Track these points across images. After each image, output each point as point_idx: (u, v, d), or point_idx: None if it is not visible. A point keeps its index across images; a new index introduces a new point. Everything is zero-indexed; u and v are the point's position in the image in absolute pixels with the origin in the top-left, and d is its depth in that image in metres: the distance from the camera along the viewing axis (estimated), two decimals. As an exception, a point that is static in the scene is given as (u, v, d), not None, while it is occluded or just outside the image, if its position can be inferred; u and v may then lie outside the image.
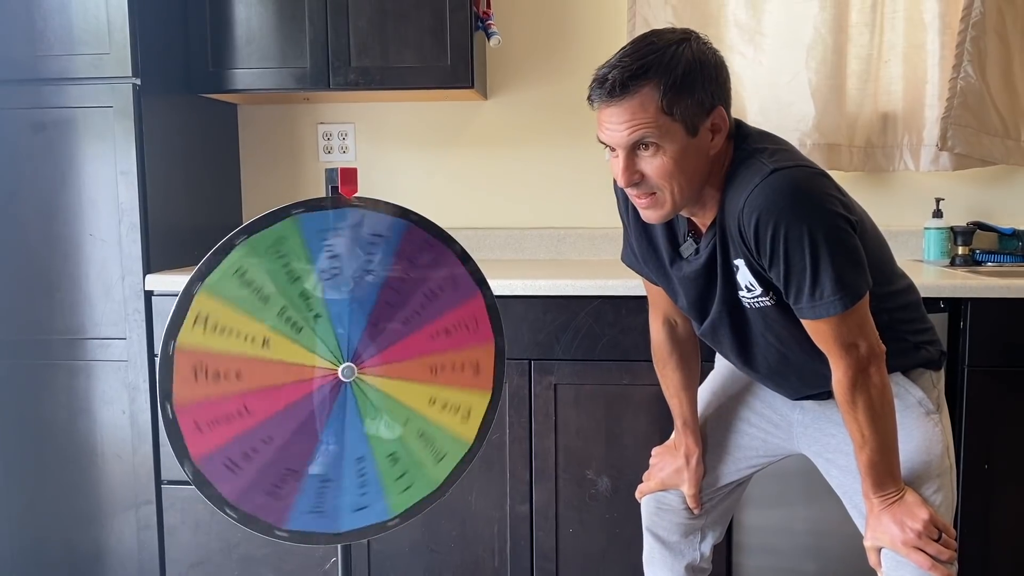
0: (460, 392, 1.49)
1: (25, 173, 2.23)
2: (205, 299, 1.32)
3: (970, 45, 2.42)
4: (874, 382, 1.35)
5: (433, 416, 1.48)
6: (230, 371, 1.35)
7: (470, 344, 1.49)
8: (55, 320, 2.26)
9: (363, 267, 1.41)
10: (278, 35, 2.40)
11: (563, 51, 2.70)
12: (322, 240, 1.38)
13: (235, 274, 1.34)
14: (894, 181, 2.64)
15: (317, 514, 1.42)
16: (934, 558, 1.37)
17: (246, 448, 1.37)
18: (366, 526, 1.46)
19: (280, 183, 2.82)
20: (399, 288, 1.44)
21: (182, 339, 1.31)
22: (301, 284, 1.38)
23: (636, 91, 1.29)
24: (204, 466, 1.33)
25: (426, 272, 1.46)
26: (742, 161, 1.35)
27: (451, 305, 1.48)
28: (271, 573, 2.30)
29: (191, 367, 1.32)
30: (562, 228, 2.74)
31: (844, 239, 1.30)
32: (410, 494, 1.48)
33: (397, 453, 1.45)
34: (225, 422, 1.35)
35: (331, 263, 1.39)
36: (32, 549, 2.33)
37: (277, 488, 1.40)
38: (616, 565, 2.20)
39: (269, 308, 1.36)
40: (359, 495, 1.45)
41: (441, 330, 1.47)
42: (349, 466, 1.43)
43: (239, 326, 1.35)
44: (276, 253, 1.36)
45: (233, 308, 1.34)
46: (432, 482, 1.49)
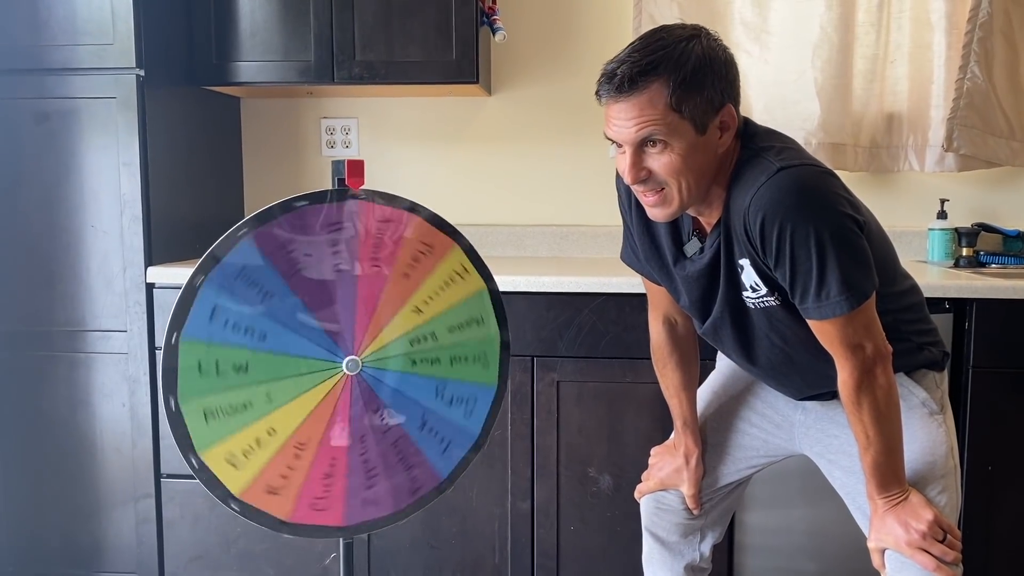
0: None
1: (27, 163, 2.22)
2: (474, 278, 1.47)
3: (977, 46, 2.42)
4: (880, 383, 1.34)
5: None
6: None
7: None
8: (56, 312, 2.25)
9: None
10: (282, 28, 2.39)
11: (568, 48, 2.69)
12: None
13: (476, 307, 1.50)
14: (899, 181, 2.64)
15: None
16: (939, 559, 1.36)
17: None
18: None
19: (282, 177, 2.81)
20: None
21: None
22: (445, 350, 1.48)
23: (645, 87, 1.27)
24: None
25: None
26: (748, 159, 1.34)
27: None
28: (270, 568, 2.29)
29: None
30: (564, 226, 2.74)
31: (851, 239, 1.29)
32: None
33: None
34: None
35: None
36: (31, 541, 2.33)
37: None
38: (617, 563, 2.20)
39: (440, 327, 1.48)
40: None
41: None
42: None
43: (444, 297, 1.46)
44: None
45: (452, 298, 1.48)
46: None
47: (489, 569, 2.24)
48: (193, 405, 1.35)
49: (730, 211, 1.35)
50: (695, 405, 1.68)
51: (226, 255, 1.34)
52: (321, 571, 2.28)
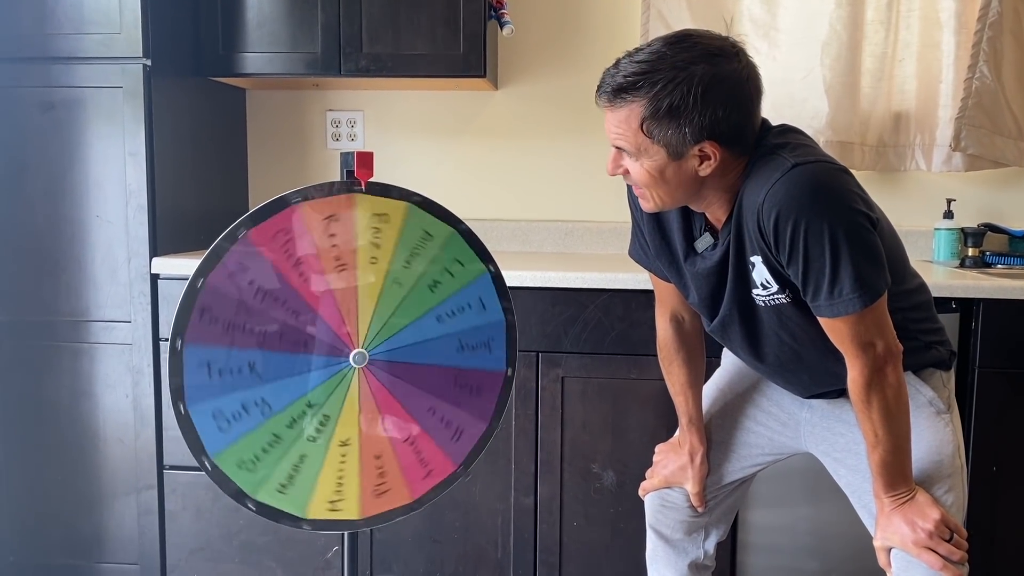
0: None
1: (33, 153, 2.21)
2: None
3: (986, 45, 2.41)
4: (890, 382, 1.34)
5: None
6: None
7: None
8: (60, 301, 2.24)
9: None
10: (289, 19, 2.39)
11: (576, 43, 2.68)
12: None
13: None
14: (905, 181, 2.63)
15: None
16: (945, 558, 1.36)
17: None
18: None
19: (287, 169, 2.81)
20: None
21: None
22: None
23: (622, 105, 1.30)
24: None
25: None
26: (762, 156, 1.33)
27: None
28: (272, 561, 2.29)
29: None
30: (570, 221, 2.73)
31: (865, 236, 1.29)
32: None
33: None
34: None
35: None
36: (33, 531, 2.32)
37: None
38: (620, 559, 2.19)
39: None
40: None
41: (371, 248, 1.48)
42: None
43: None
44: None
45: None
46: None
47: (491, 564, 2.23)
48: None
49: (743, 207, 1.35)
50: (700, 402, 1.68)
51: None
52: (324, 564, 2.28)
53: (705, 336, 1.65)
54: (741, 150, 1.33)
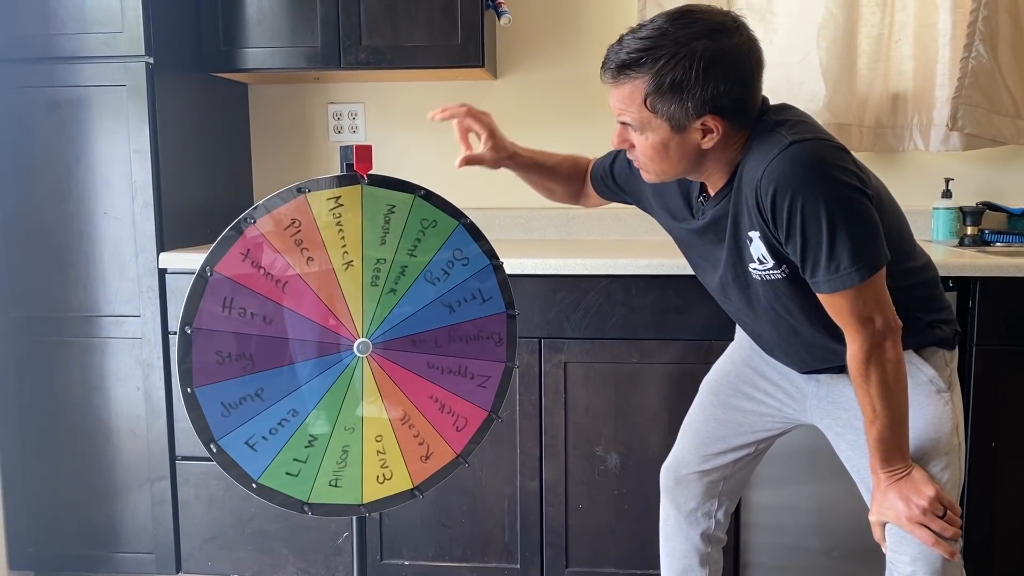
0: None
1: (39, 152, 2.25)
2: (355, 189, 1.42)
3: (982, 24, 2.41)
4: (889, 357, 1.36)
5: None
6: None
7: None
8: (70, 298, 2.28)
9: (450, 297, 1.50)
10: (289, 14, 2.41)
11: (573, 30, 2.70)
12: (454, 257, 1.50)
13: (383, 204, 1.44)
14: (904, 161, 2.64)
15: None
16: (938, 535, 1.39)
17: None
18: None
19: (290, 162, 2.83)
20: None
21: (313, 197, 1.39)
22: (411, 260, 1.46)
23: (625, 81, 1.33)
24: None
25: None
26: (761, 133, 1.36)
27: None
28: (284, 548, 2.33)
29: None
30: (571, 208, 2.74)
31: (861, 210, 1.31)
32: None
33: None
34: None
35: (439, 271, 1.49)
36: (49, 523, 2.37)
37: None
38: (625, 540, 2.23)
39: (381, 247, 1.44)
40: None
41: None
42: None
43: (348, 228, 1.42)
44: (422, 226, 1.47)
45: (360, 222, 1.43)
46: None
47: (499, 547, 2.27)
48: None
49: (742, 182, 1.37)
50: (537, 164, 1.81)
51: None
52: (334, 550, 2.32)
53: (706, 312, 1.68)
54: (742, 124, 1.36)
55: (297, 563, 2.33)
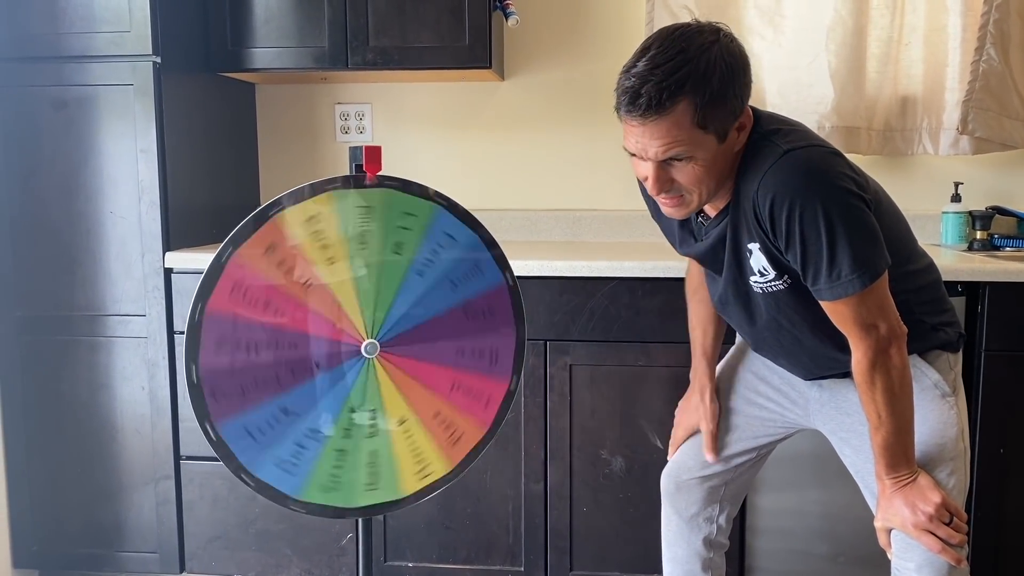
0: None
1: (46, 151, 2.25)
2: (329, 200, 1.40)
3: (993, 27, 2.40)
4: (894, 363, 1.35)
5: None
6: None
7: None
8: (76, 297, 2.29)
9: (447, 276, 1.48)
10: (297, 14, 2.41)
11: (581, 32, 2.69)
12: (437, 242, 1.46)
13: (358, 207, 1.41)
14: (913, 165, 2.63)
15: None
16: (944, 541, 1.38)
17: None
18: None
19: (297, 163, 2.83)
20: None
21: (288, 216, 1.37)
22: (398, 257, 1.45)
23: (671, 109, 1.25)
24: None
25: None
26: (755, 143, 1.35)
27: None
28: (288, 548, 2.33)
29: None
30: (578, 210, 2.75)
31: (859, 216, 1.30)
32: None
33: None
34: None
35: (429, 258, 1.46)
36: (54, 522, 2.37)
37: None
38: (629, 544, 2.22)
39: (364, 249, 1.43)
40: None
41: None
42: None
43: (331, 240, 1.40)
44: (401, 218, 1.44)
45: (339, 227, 1.41)
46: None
47: (503, 550, 2.27)
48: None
49: (739, 195, 1.37)
50: (717, 340, 1.72)
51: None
52: (338, 551, 2.32)
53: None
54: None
55: (301, 564, 2.33)
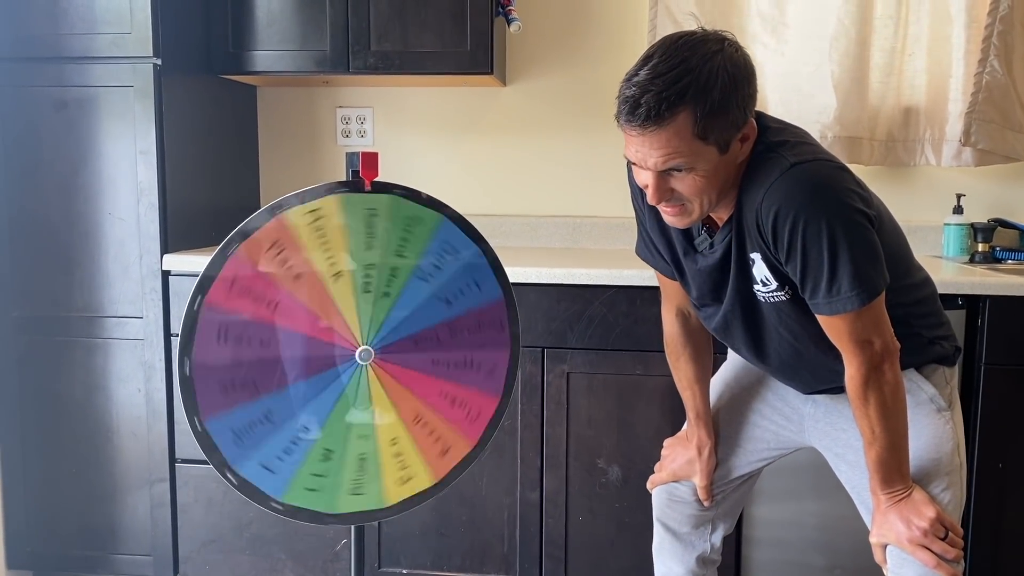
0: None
1: (46, 151, 2.25)
2: (335, 202, 1.40)
3: (997, 39, 2.39)
4: (887, 379, 1.35)
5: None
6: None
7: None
8: (73, 298, 2.28)
9: (445, 290, 1.48)
10: (299, 17, 2.41)
11: (583, 38, 2.69)
12: (443, 250, 1.46)
13: (365, 211, 1.41)
14: (915, 176, 2.62)
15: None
16: (940, 556, 1.37)
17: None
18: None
19: (298, 166, 2.83)
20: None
21: (292, 215, 1.37)
22: (401, 261, 1.44)
23: (671, 120, 1.23)
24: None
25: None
26: (762, 154, 1.34)
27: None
28: (282, 553, 2.32)
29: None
30: (578, 216, 2.74)
31: (863, 234, 1.29)
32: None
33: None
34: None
35: (431, 267, 1.46)
36: (49, 523, 2.37)
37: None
38: (625, 554, 2.21)
39: (367, 252, 1.42)
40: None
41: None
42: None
43: (332, 240, 1.40)
44: (406, 225, 1.44)
45: (343, 231, 1.41)
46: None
47: (498, 558, 2.25)
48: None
49: (743, 205, 1.35)
50: (708, 397, 1.69)
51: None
52: (332, 556, 2.31)
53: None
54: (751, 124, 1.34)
55: (295, 569, 2.32)
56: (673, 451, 1.73)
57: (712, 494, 1.68)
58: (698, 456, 1.67)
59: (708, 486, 1.67)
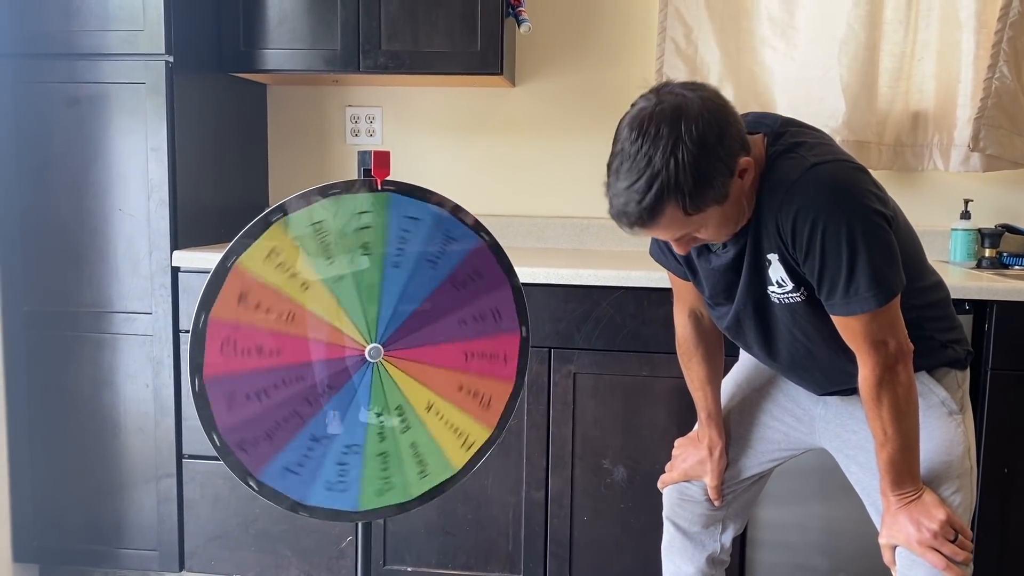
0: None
1: (58, 147, 2.26)
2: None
3: (1006, 45, 2.39)
4: (901, 380, 1.35)
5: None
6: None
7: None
8: (83, 293, 2.29)
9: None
10: (310, 17, 2.41)
11: (593, 41, 2.69)
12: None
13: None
14: (922, 181, 2.62)
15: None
16: (949, 559, 1.37)
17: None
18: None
19: (307, 164, 2.84)
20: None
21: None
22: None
23: (659, 218, 1.26)
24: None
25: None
26: (781, 155, 1.34)
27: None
28: (287, 550, 2.33)
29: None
30: (585, 218, 2.74)
31: (882, 235, 1.30)
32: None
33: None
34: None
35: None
36: (55, 518, 2.37)
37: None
38: (629, 554, 2.21)
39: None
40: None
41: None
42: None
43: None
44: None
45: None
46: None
47: (502, 557, 2.26)
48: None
49: (762, 208, 1.36)
50: (720, 398, 1.69)
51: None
52: (338, 553, 2.31)
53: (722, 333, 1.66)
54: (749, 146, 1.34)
55: (300, 565, 2.33)
56: (684, 451, 1.73)
57: (723, 494, 1.68)
58: (709, 456, 1.67)
59: (719, 486, 1.67)
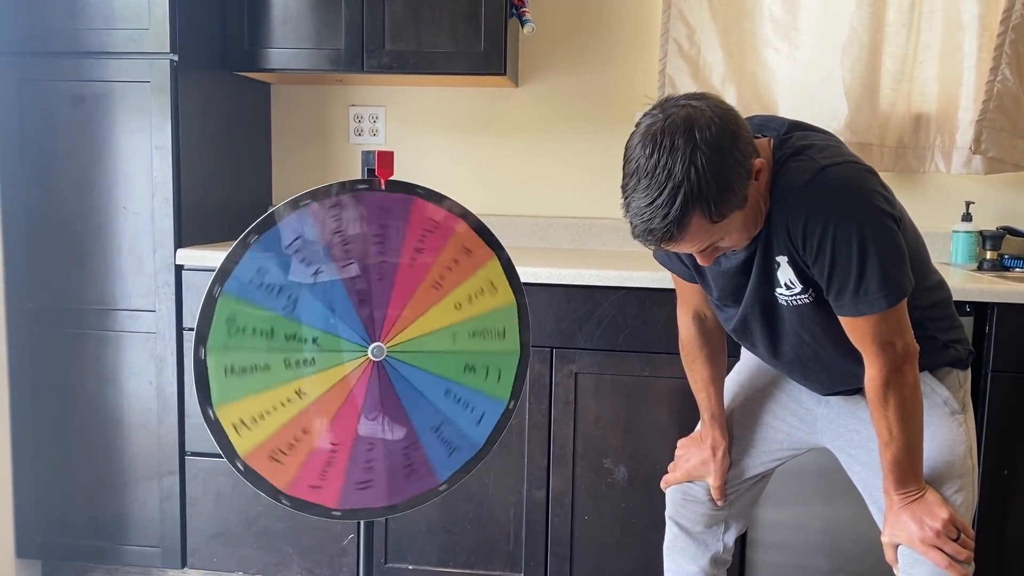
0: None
1: (63, 145, 2.27)
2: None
3: (1008, 48, 2.40)
4: (907, 380, 1.36)
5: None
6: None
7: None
8: (87, 290, 2.30)
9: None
10: (314, 16, 2.42)
11: (596, 40, 2.70)
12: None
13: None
14: (924, 183, 2.63)
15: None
16: (952, 557, 1.38)
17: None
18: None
19: (310, 163, 2.85)
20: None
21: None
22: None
23: (686, 230, 1.26)
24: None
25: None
26: (790, 157, 1.35)
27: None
28: (289, 547, 2.34)
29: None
30: (588, 218, 2.75)
31: (891, 237, 1.31)
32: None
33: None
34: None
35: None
36: (58, 514, 2.38)
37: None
38: (630, 554, 2.22)
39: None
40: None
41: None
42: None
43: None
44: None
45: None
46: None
47: (503, 555, 2.27)
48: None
49: (772, 209, 1.37)
50: (723, 399, 1.70)
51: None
52: (339, 551, 2.32)
53: (726, 333, 1.66)
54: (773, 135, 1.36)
55: (302, 563, 2.34)
56: (687, 451, 1.74)
57: (725, 494, 1.69)
58: (712, 456, 1.68)
59: (722, 486, 1.68)
